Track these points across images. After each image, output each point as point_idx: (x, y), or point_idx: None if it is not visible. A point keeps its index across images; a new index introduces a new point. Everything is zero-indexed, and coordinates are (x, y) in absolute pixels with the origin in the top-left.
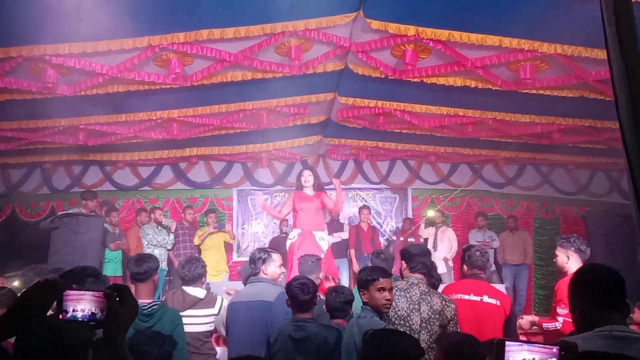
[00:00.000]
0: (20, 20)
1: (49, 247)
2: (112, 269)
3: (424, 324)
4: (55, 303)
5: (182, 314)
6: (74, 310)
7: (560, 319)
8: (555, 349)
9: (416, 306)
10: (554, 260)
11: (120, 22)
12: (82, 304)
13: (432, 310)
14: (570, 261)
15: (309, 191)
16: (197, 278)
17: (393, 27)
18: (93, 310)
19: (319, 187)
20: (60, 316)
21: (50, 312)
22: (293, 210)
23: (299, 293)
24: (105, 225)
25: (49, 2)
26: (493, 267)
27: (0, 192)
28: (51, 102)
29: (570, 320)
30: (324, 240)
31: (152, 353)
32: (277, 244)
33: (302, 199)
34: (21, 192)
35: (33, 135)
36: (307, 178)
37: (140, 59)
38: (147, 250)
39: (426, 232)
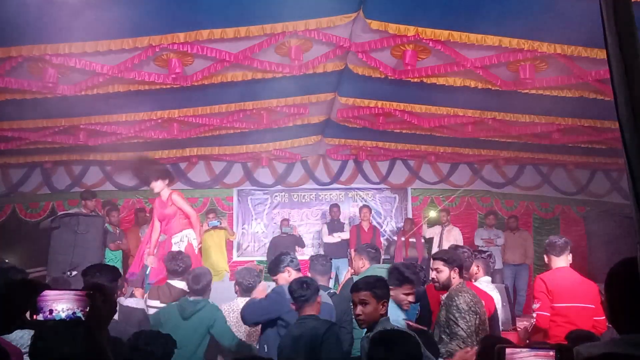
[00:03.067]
0: (20, 20)
1: (49, 247)
2: None
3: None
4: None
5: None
6: (54, 310)
7: (534, 314)
8: (551, 352)
9: None
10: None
11: (120, 22)
12: (62, 304)
13: None
14: (551, 260)
15: (164, 197)
16: (185, 270)
17: (393, 28)
18: (75, 309)
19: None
20: (35, 317)
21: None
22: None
23: (298, 288)
24: (106, 225)
25: (49, 2)
26: (499, 266)
27: (0, 192)
28: (51, 102)
29: (544, 313)
30: (182, 242)
31: (157, 353)
32: (278, 244)
33: (161, 206)
34: (21, 192)
35: (33, 135)
36: (156, 184)
37: (141, 59)
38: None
39: (430, 232)
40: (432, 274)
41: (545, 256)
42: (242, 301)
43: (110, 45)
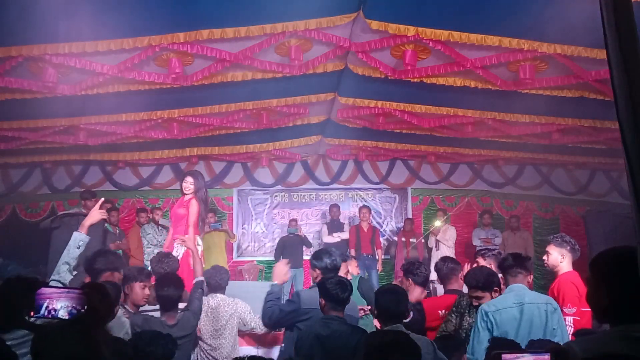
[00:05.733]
0: (20, 20)
1: (49, 247)
2: None
3: None
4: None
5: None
6: (53, 308)
7: (570, 319)
8: (547, 356)
9: None
10: (544, 258)
11: (120, 22)
12: (61, 302)
13: None
14: (565, 260)
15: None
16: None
17: (393, 28)
18: (75, 307)
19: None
20: (32, 314)
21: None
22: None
23: (339, 291)
24: (106, 225)
25: (49, 1)
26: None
27: (0, 192)
28: (51, 102)
29: (579, 318)
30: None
31: (158, 353)
32: (286, 244)
33: (179, 205)
34: (21, 192)
35: (33, 135)
36: (189, 186)
37: (141, 59)
38: (147, 250)
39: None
40: None
41: (560, 255)
42: (211, 298)
43: (110, 45)
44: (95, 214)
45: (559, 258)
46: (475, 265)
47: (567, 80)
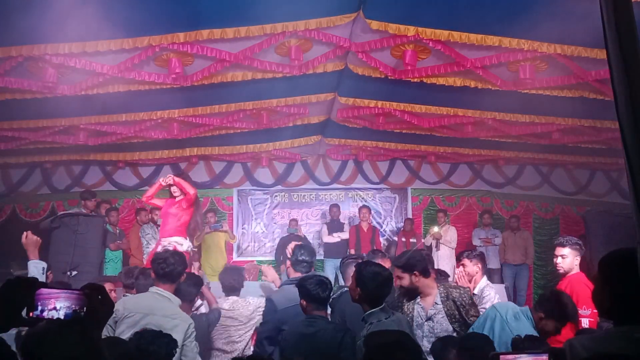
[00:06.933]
0: (20, 20)
1: (49, 247)
2: (113, 269)
3: None
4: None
5: None
6: (52, 308)
7: (586, 321)
8: (545, 357)
9: None
10: (561, 260)
11: (120, 22)
12: (60, 302)
13: None
14: (577, 262)
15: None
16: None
17: (393, 28)
18: (74, 308)
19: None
20: (31, 314)
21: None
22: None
23: (320, 290)
24: (106, 225)
25: (49, 1)
26: (497, 266)
27: (0, 192)
28: (51, 102)
29: (593, 320)
30: (180, 245)
31: (160, 353)
32: (286, 244)
33: (169, 205)
34: (21, 192)
35: (33, 135)
36: (176, 189)
37: (141, 59)
38: (147, 250)
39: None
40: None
41: (576, 258)
42: (223, 301)
43: (110, 45)
44: None
45: (575, 261)
46: (461, 267)
47: (567, 80)
